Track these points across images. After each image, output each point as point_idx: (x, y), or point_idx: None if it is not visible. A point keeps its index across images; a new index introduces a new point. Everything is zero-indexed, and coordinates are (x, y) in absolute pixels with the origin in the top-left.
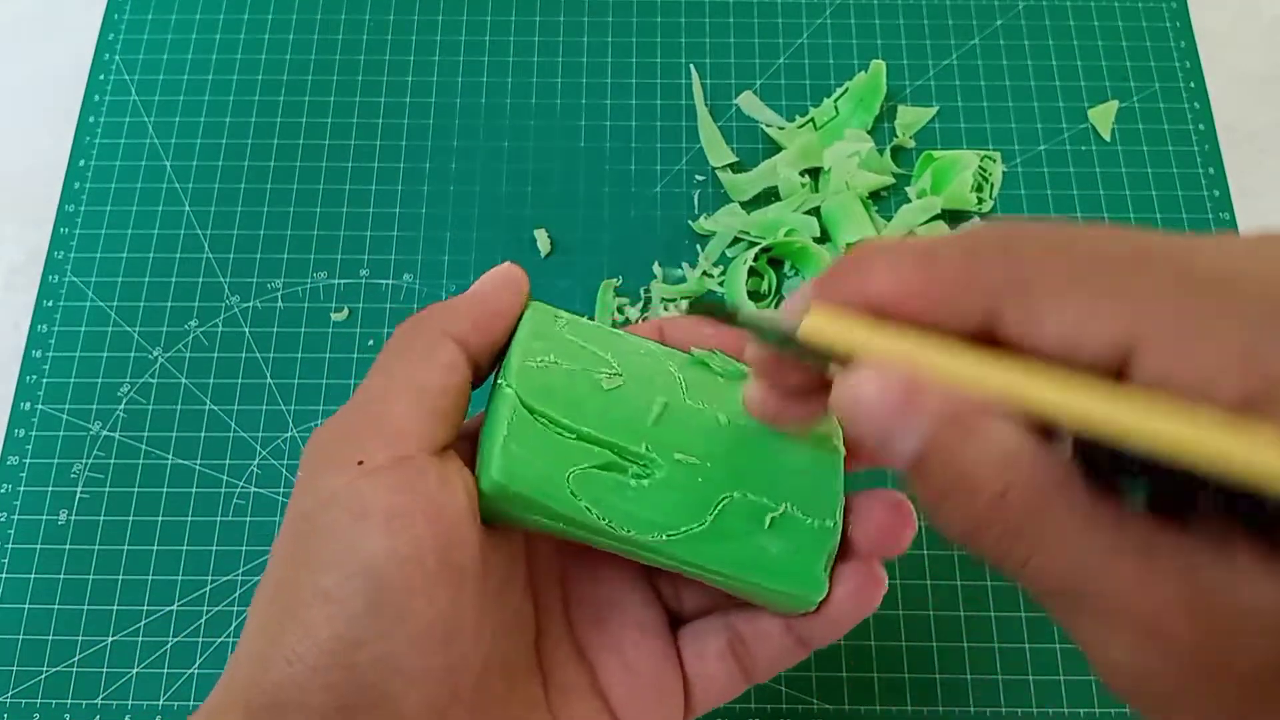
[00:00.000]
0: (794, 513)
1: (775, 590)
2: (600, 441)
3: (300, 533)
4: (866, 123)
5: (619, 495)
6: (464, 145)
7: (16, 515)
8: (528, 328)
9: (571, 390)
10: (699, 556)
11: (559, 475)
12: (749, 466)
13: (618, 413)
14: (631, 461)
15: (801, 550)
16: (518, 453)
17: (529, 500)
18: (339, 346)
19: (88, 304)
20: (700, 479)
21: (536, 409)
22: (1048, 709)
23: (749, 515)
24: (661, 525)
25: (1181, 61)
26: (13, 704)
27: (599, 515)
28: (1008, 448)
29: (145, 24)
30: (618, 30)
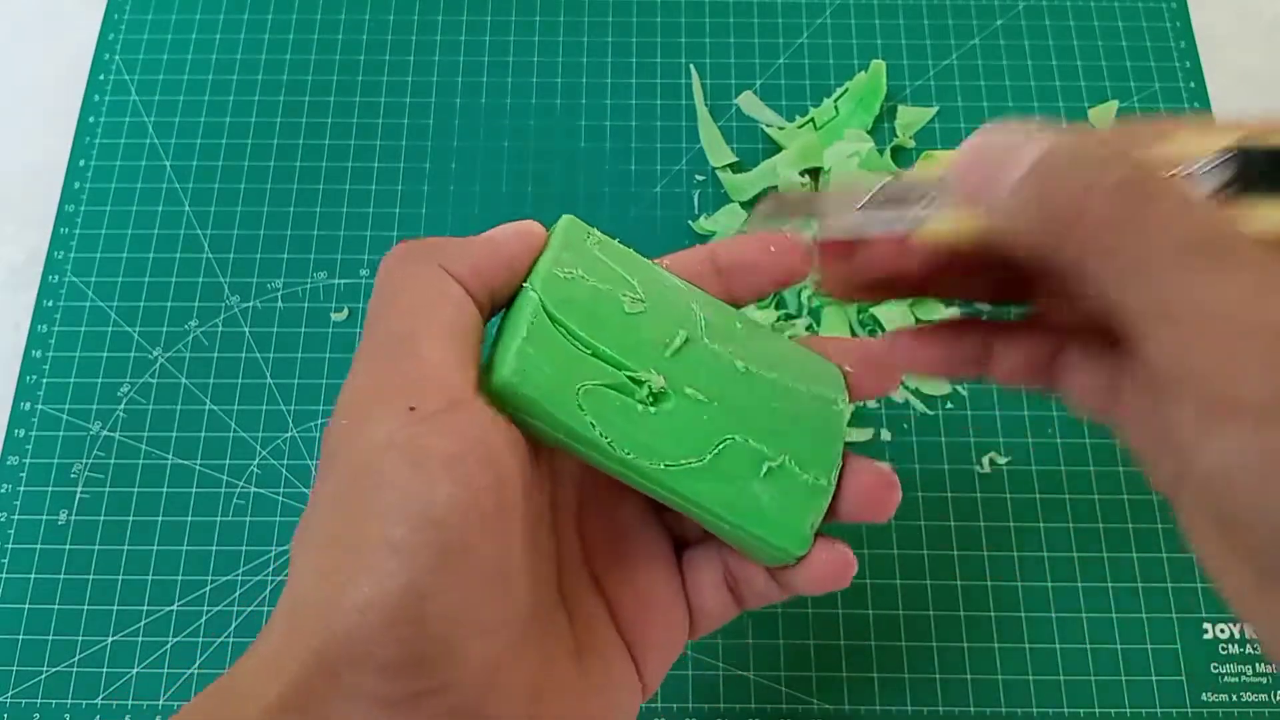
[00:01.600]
0: (791, 466)
1: (760, 538)
2: (615, 362)
3: (358, 480)
4: (866, 123)
5: (624, 417)
6: (464, 145)
7: (16, 515)
8: (560, 238)
9: (594, 306)
10: (692, 492)
11: (569, 386)
12: (755, 414)
13: (636, 338)
14: (642, 389)
15: (792, 504)
16: (532, 356)
17: (535, 405)
18: (339, 346)
19: (88, 304)
20: (705, 417)
21: (557, 317)
22: (1048, 709)
23: (747, 460)
24: (661, 454)
25: (1181, 61)
26: (13, 704)
27: (601, 433)
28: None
29: (145, 24)
30: (618, 30)
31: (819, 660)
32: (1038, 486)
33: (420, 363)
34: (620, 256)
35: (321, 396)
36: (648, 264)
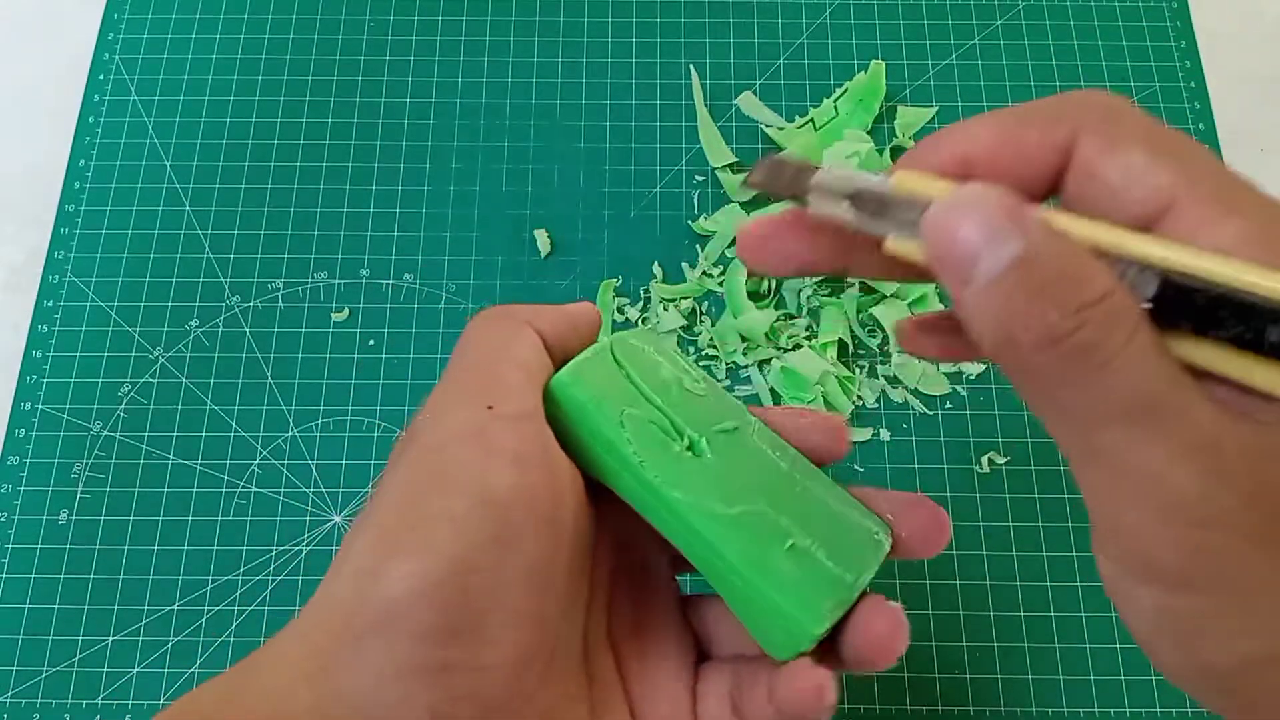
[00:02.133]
0: (817, 553)
1: (775, 603)
2: (664, 411)
3: (427, 461)
4: (866, 123)
5: (661, 449)
6: (464, 145)
7: (16, 515)
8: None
9: (656, 373)
10: (714, 536)
11: (616, 404)
12: (792, 504)
13: (689, 409)
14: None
15: (814, 582)
16: (589, 370)
17: (582, 407)
18: (339, 346)
19: (88, 304)
20: (740, 483)
21: (620, 360)
22: (1047, 709)
23: (773, 532)
24: (689, 489)
25: (1181, 61)
26: (13, 704)
27: (635, 452)
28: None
29: (145, 24)
30: (618, 30)
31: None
32: (1038, 486)
33: (500, 379)
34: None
35: (322, 396)
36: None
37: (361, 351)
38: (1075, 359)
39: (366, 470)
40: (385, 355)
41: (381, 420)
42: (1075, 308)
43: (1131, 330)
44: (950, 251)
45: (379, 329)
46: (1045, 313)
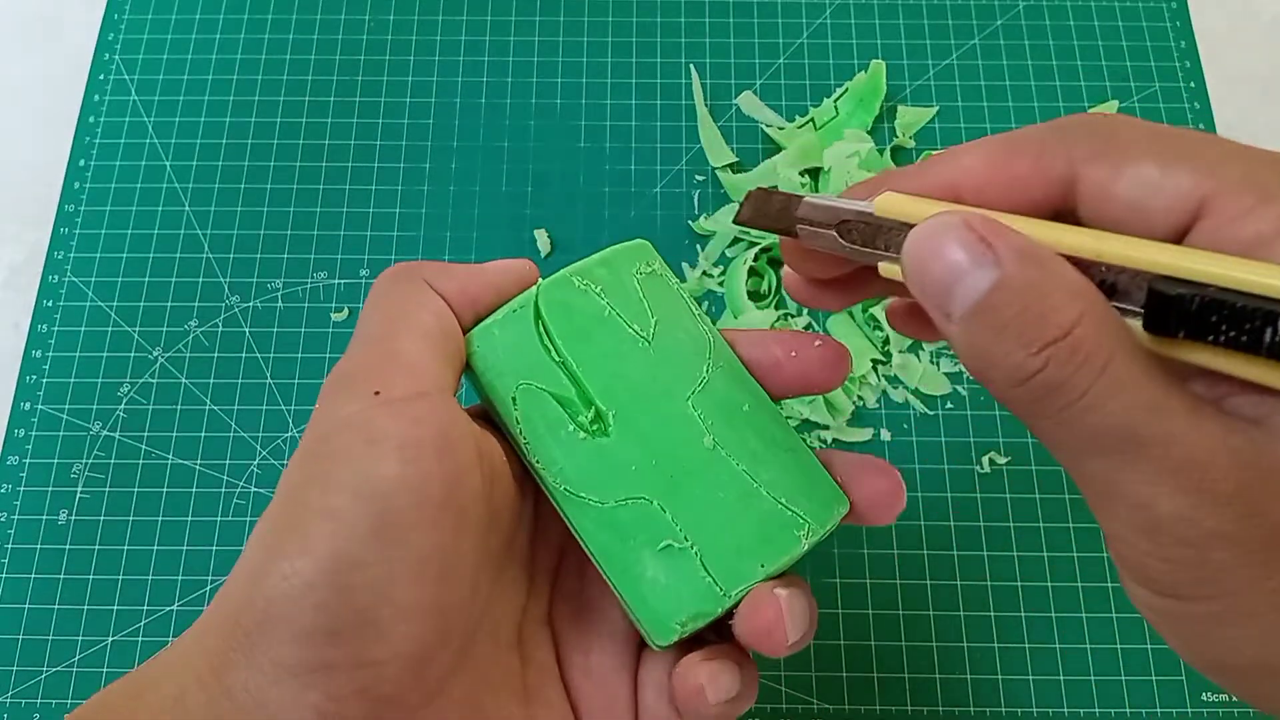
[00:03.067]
0: (695, 558)
1: (630, 607)
2: (574, 378)
3: (312, 454)
4: (866, 123)
5: (550, 429)
6: (464, 145)
7: (16, 515)
8: (605, 254)
9: (591, 323)
10: (580, 524)
11: (512, 378)
12: (693, 492)
13: (614, 366)
14: (587, 415)
15: (673, 591)
16: (496, 337)
17: (479, 377)
18: (339, 346)
19: (88, 304)
20: (635, 468)
21: (543, 316)
22: (1048, 709)
23: (651, 528)
24: (565, 476)
25: (1181, 61)
26: (13, 704)
27: (521, 430)
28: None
29: (145, 24)
30: (618, 30)
31: (819, 660)
32: (1038, 486)
33: (394, 356)
34: (660, 294)
35: None
36: (690, 313)
37: None
38: (1043, 398)
39: None
40: None
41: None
42: (1039, 345)
43: (1102, 364)
44: (927, 282)
45: None
46: (1009, 351)
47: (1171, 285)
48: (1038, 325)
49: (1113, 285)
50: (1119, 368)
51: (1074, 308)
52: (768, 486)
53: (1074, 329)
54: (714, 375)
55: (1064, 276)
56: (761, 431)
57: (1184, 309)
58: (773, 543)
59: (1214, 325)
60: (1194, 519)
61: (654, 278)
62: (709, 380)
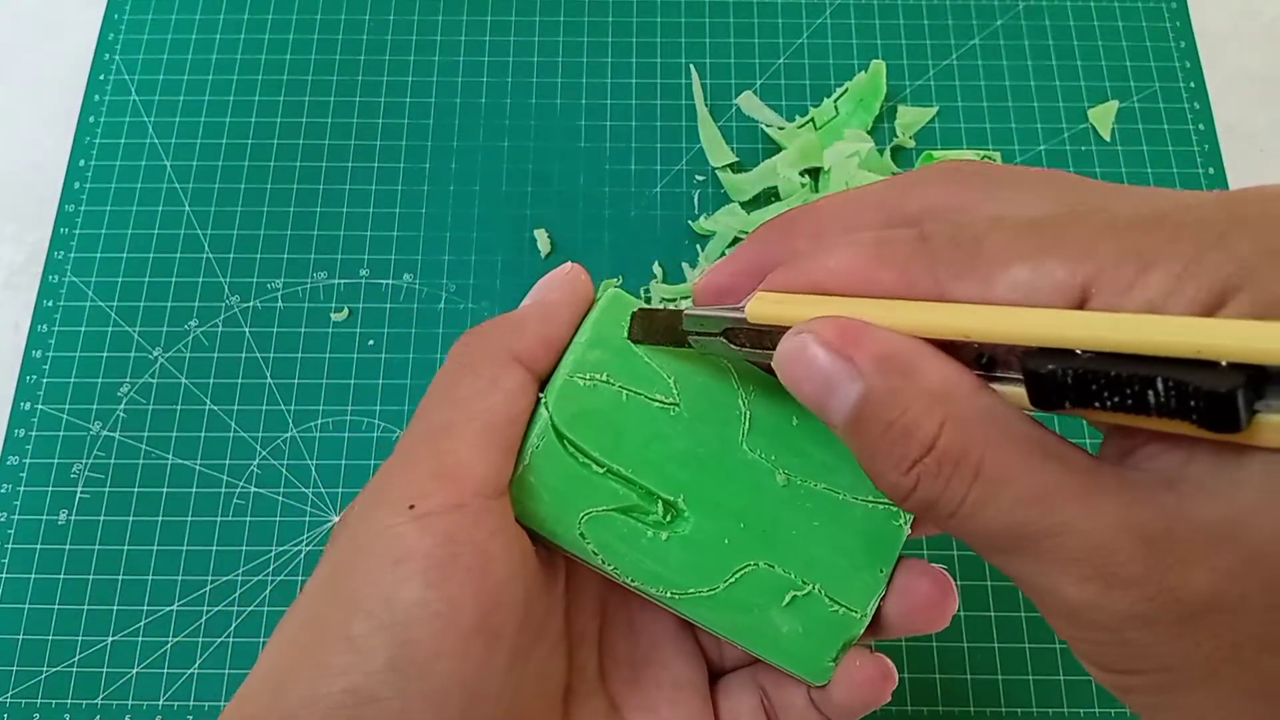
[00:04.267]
0: (820, 595)
1: (781, 663)
2: (629, 481)
3: (337, 568)
4: (866, 123)
5: (631, 544)
6: (464, 145)
7: (16, 515)
8: (590, 332)
9: (615, 416)
10: (705, 618)
11: (572, 514)
12: (790, 534)
13: (660, 450)
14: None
15: (814, 635)
16: (532, 486)
17: (537, 531)
18: (339, 346)
19: (88, 304)
20: (727, 541)
21: (567, 436)
22: (1048, 709)
23: (769, 588)
24: (669, 582)
25: (1181, 61)
26: (13, 704)
27: (604, 561)
28: (945, 379)
29: (145, 24)
30: (618, 30)
31: None
32: None
33: (440, 457)
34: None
35: (321, 396)
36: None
37: (361, 351)
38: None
39: (366, 470)
40: (385, 355)
41: (381, 420)
42: (907, 464)
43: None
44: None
45: (379, 329)
46: (883, 472)
47: (1042, 362)
48: (902, 443)
49: (991, 359)
50: (994, 468)
51: (935, 417)
52: (850, 491)
53: (937, 440)
54: (752, 404)
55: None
56: (819, 438)
57: (1059, 383)
58: (880, 542)
59: (1095, 394)
60: (1102, 605)
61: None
62: (750, 412)
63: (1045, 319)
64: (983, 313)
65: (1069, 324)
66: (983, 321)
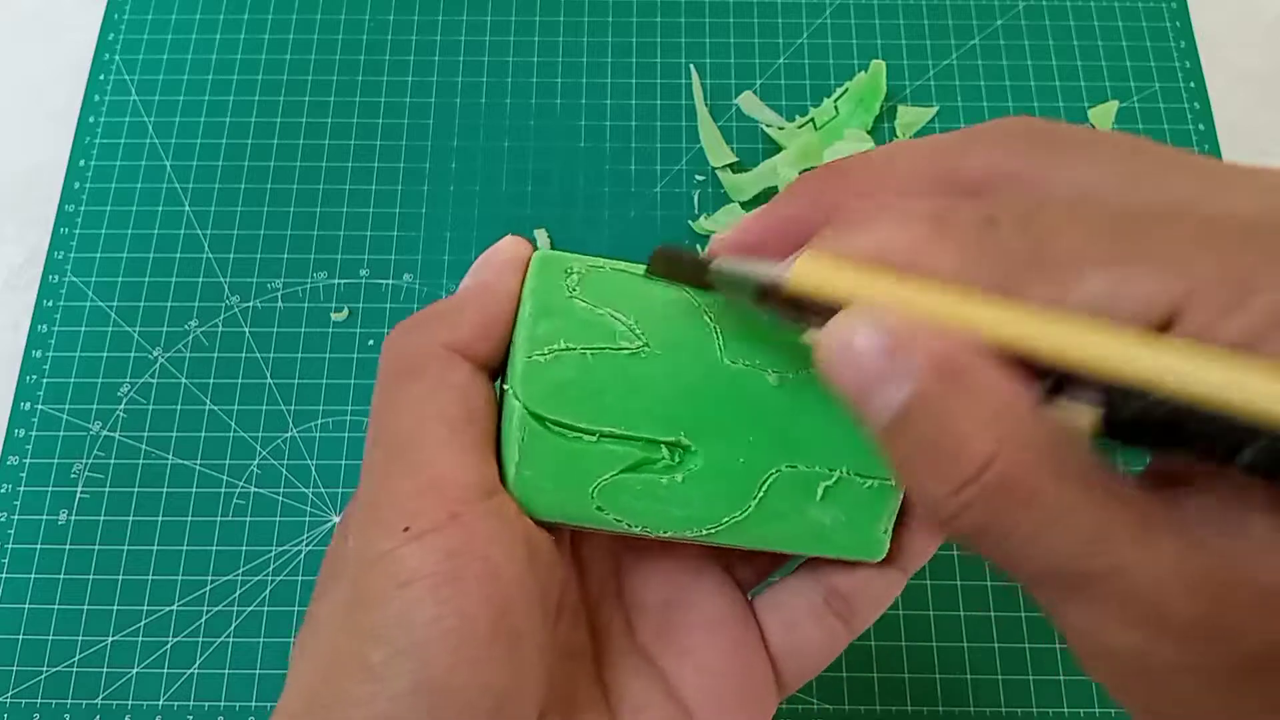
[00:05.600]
0: (849, 476)
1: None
2: (626, 438)
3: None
4: (866, 123)
5: (650, 498)
6: (464, 145)
7: (16, 515)
8: (532, 303)
9: (588, 379)
10: (747, 539)
11: (582, 492)
12: (800, 430)
13: (645, 395)
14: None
15: (858, 516)
16: (533, 479)
17: (554, 521)
18: (339, 346)
19: (88, 304)
20: (742, 459)
21: (549, 418)
22: (1048, 709)
23: (799, 487)
24: (701, 519)
25: (1181, 61)
26: (13, 704)
27: (630, 524)
28: (1003, 400)
29: (145, 24)
30: (618, 30)
31: None
32: None
33: (420, 474)
34: (608, 289)
35: (321, 396)
36: (644, 279)
37: (361, 351)
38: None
39: None
40: None
41: None
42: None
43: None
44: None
45: (379, 329)
46: (926, 486)
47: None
48: (951, 461)
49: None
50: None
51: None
52: None
53: (991, 464)
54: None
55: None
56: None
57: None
58: None
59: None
60: (1150, 652)
61: (588, 280)
62: (718, 326)
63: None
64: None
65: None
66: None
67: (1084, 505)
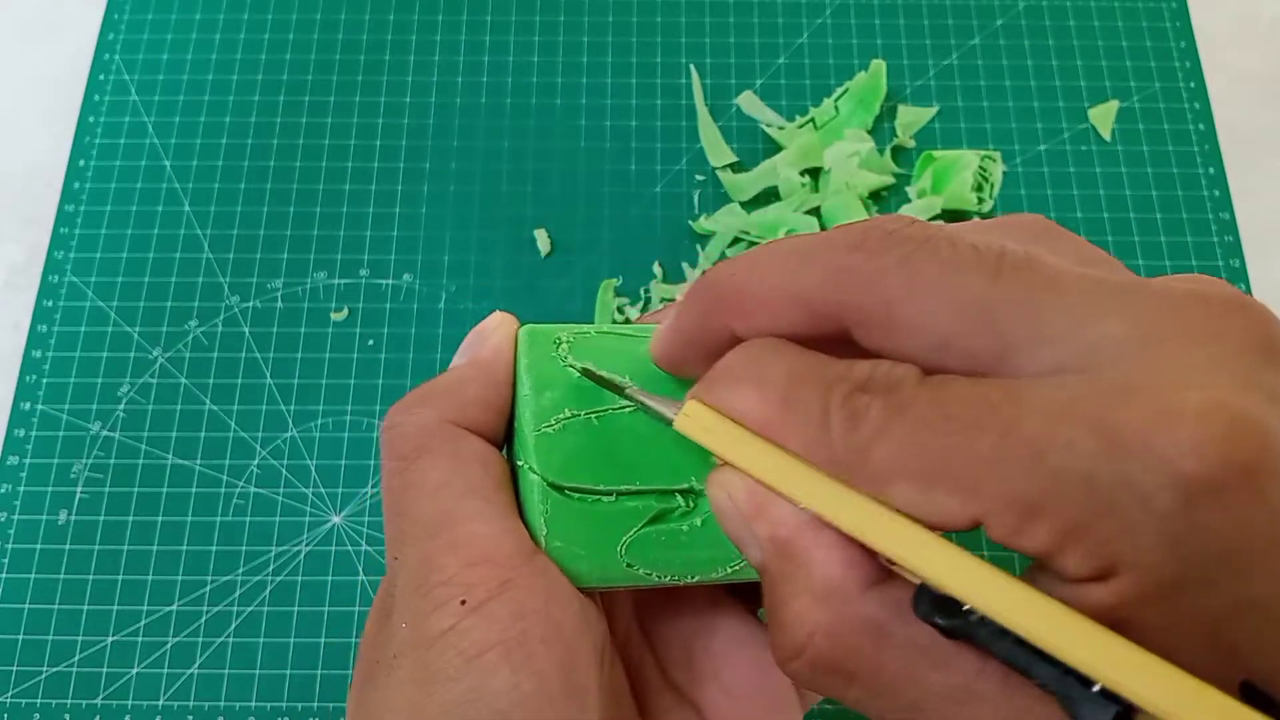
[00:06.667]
0: None
1: None
2: (642, 493)
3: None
4: (866, 122)
5: (673, 547)
6: (464, 145)
7: (16, 515)
8: (530, 377)
9: (597, 442)
10: None
11: (611, 554)
12: None
13: (651, 448)
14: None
15: None
16: (564, 548)
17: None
18: (339, 346)
19: (88, 304)
20: None
21: (567, 487)
22: None
23: None
24: (724, 559)
25: (1181, 61)
26: (13, 704)
27: (659, 575)
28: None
29: (145, 24)
30: (618, 30)
31: None
32: None
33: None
34: (597, 352)
35: (321, 396)
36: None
37: (361, 351)
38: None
39: (366, 470)
40: (385, 355)
41: (381, 421)
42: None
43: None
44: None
45: (378, 329)
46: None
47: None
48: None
49: None
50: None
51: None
52: None
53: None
54: None
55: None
56: None
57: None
58: None
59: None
60: None
61: (576, 345)
62: None
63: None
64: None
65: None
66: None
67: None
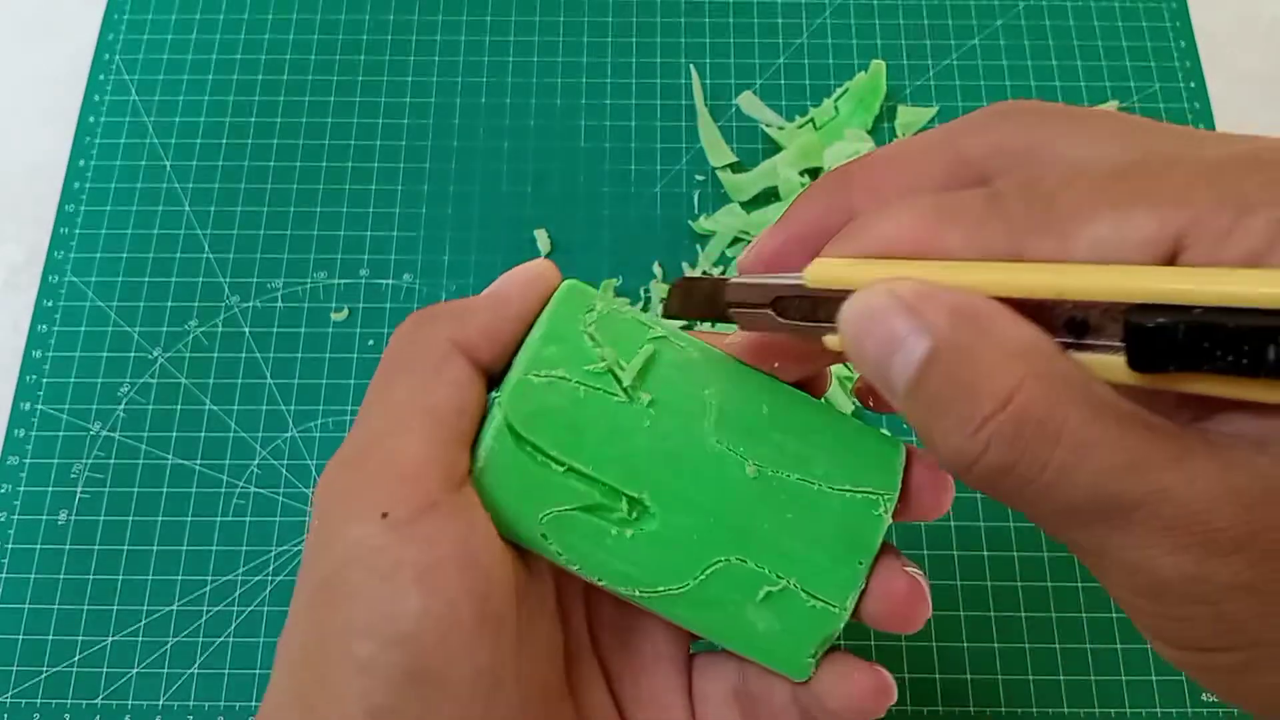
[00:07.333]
0: (796, 590)
1: (758, 659)
2: (591, 480)
3: (327, 593)
4: (866, 123)
5: (595, 543)
6: (464, 145)
7: (16, 515)
8: (545, 326)
9: (574, 413)
10: (676, 616)
11: (531, 516)
12: (762, 528)
13: (622, 445)
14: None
15: (792, 632)
16: (489, 488)
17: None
18: (339, 346)
19: (88, 304)
20: (696, 537)
21: (524, 436)
22: (1048, 709)
23: (742, 584)
24: (637, 581)
25: (1181, 61)
26: (13, 704)
27: (569, 560)
28: (1024, 338)
29: (145, 24)
30: (618, 30)
31: None
32: None
33: (400, 461)
34: (624, 333)
35: (321, 396)
36: (662, 335)
37: (361, 351)
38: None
39: None
40: None
41: None
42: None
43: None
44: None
45: (379, 329)
46: (948, 433)
47: (1149, 315)
48: (972, 400)
49: (1084, 323)
50: (1078, 430)
51: (1011, 372)
52: (825, 481)
53: (1014, 397)
54: (718, 395)
55: (1000, 334)
56: (792, 427)
57: (1169, 340)
58: (858, 533)
59: (1206, 352)
60: (1201, 575)
61: (604, 321)
62: (717, 403)
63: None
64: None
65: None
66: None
67: (1118, 432)
